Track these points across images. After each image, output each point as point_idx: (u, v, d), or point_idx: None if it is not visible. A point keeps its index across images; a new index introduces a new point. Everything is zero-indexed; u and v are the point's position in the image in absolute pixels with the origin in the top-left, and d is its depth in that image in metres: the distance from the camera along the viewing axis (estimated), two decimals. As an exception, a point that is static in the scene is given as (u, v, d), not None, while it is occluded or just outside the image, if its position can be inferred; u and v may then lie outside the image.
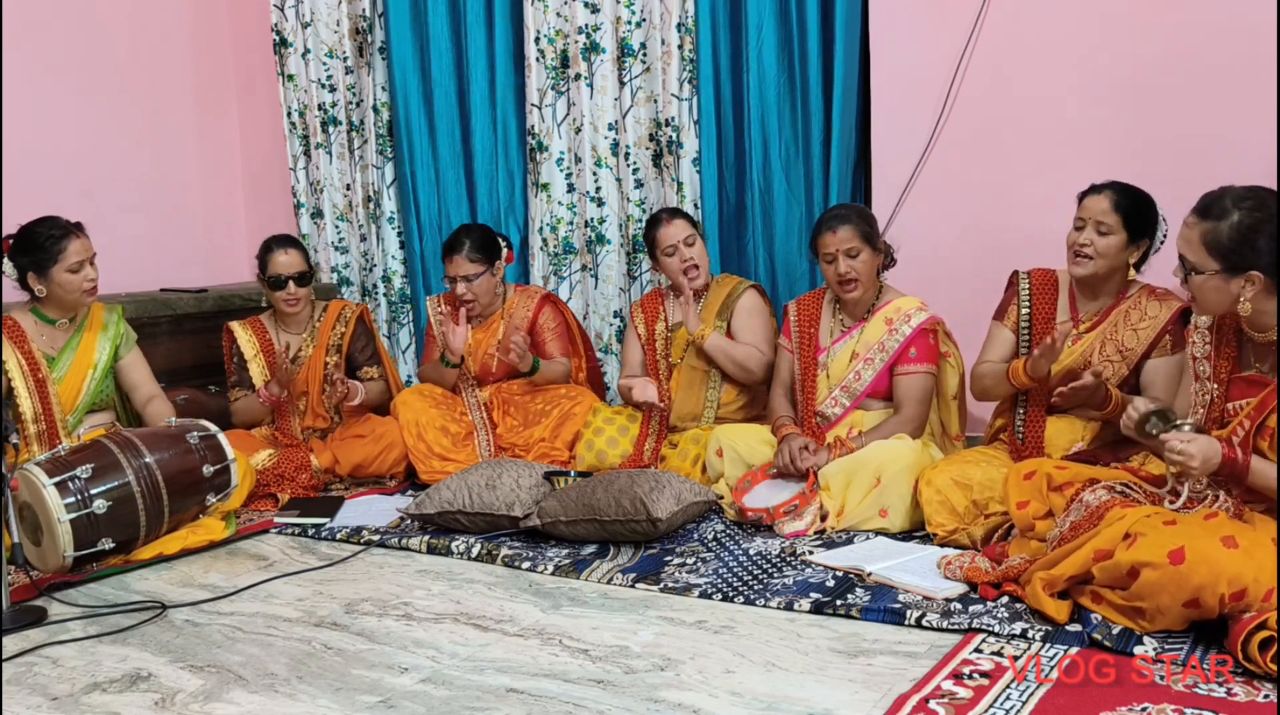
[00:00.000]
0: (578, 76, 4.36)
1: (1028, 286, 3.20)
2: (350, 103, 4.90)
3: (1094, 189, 3.05)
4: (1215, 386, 2.53)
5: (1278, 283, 2.36)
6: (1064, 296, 3.17)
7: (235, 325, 4.12)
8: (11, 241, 3.44)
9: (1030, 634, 2.31)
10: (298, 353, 4.02)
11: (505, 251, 4.15)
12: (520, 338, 3.90)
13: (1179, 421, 2.44)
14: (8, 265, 3.45)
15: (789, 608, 2.56)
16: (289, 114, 5.02)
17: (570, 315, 4.27)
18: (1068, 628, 2.32)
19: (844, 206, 3.57)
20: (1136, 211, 3.00)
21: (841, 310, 3.53)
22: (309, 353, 4.07)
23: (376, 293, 4.95)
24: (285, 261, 4.01)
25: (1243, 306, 2.38)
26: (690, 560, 2.94)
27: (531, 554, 3.03)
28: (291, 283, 4.00)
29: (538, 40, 4.41)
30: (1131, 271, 3.05)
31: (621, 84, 4.32)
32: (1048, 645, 2.27)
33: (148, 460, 3.06)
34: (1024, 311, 3.18)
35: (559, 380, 4.08)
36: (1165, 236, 3.04)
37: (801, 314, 3.58)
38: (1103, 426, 3.09)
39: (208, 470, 3.20)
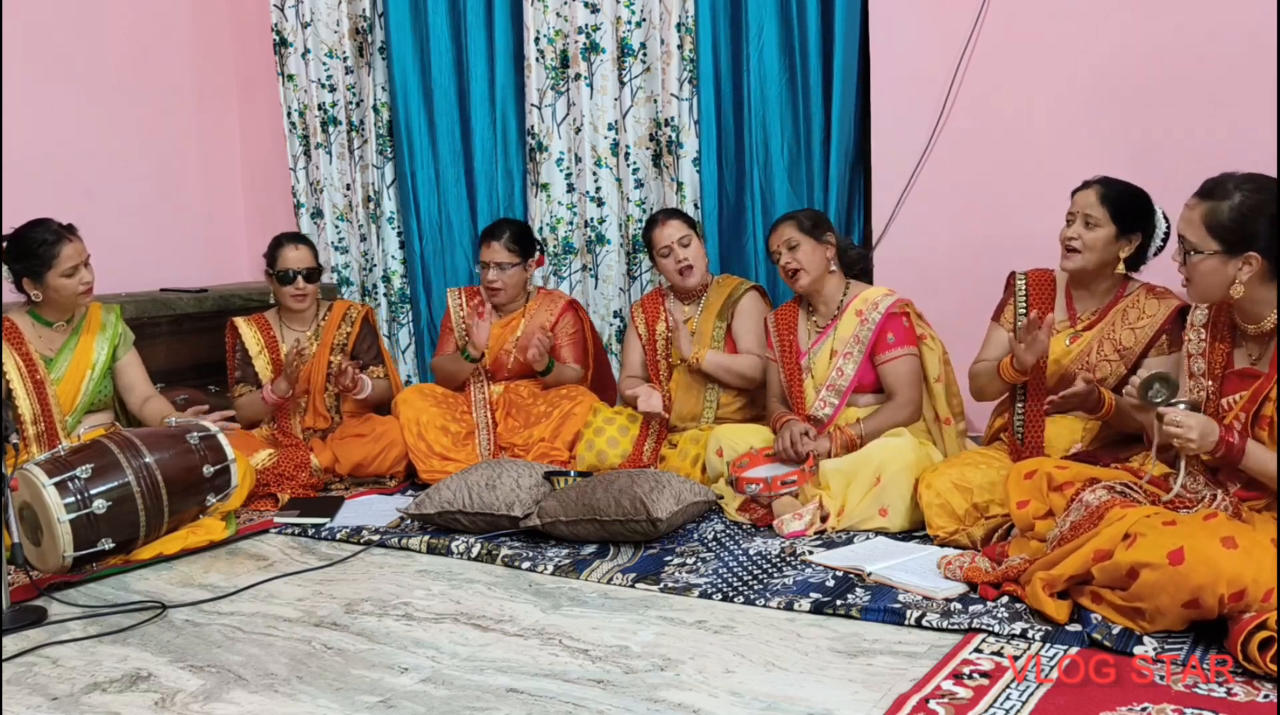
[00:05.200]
0: (578, 76, 4.36)
1: (1024, 287, 3.21)
2: (350, 103, 4.90)
3: (1084, 184, 3.07)
4: (1210, 383, 2.54)
5: (1275, 267, 2.37)
6: (1061, 296, 3.17)
7: (240, 321, 4.12)
8: (4, 246, 3.41)
9: (1030, 634, 2.31)
10: (303, 347, 4.01)
11: (538, 253, 4.19)
12: (545, 337, 3.93)
13: (1178, 400, 2.45)
14: (3, 269, 3.44)
15: (789, 608, 2.56)
16: (289, 114, 5.01)
17: (589, 324, 4.26)
18: (1068, 628, 2.32)
19: (789, 213, 3.62)
20: (1124, 204, 3.00)
21: (815, 313, 3.56)
22: (313, 351, 4.07)
23: (376, 293, 4.95)
24: (295, 257, 4.03)
25: (1235, 288, 2.40)
26: (690, 560, 2.94)
27: (531, 554, 3.03)
28: (300, 278, 4.01)
29: (537, 40, 4.41)
30: (1121, 266, 3.03)
31: (621, 84, 4.32)
32: (1048, 645, 2.27)
33: (147, 460, 3.06)
34: (1020, 312, 3.18)
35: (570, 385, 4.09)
36: (1166, 237, 3.03)
37: (780, 324, 3.62)
38: (1102, 426, 3.09)
39: (208, 470, 3.20)
